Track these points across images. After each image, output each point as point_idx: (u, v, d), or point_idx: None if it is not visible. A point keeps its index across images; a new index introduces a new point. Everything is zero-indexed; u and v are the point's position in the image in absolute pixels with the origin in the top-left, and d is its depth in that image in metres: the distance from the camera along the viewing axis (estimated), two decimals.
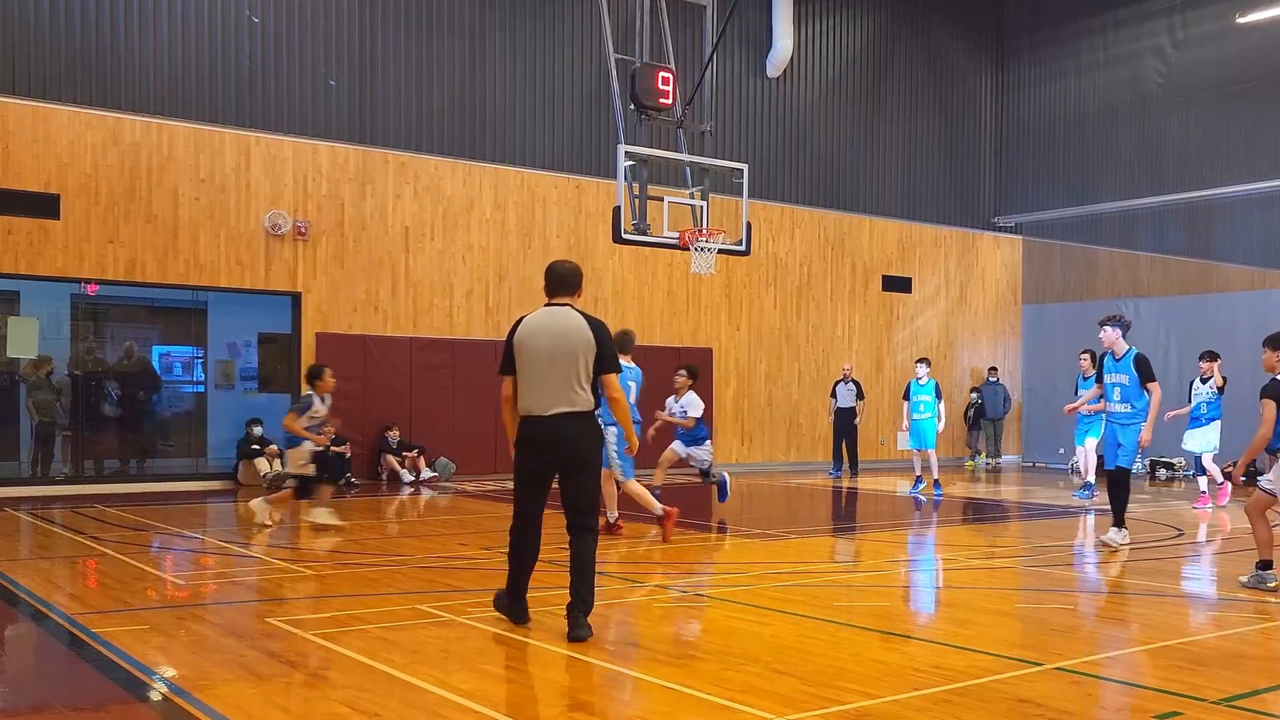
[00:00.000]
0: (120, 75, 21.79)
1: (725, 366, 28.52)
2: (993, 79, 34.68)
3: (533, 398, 9.07)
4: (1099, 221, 33.47)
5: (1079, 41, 33.41)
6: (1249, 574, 11.63)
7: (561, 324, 9.12)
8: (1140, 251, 34.42)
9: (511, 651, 8.65)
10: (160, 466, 24.41)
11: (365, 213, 23.87)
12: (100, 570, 12.69)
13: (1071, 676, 8.04)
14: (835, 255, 30.66)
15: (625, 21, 22.73)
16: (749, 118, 29.42)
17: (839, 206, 30.90)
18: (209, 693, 7.39)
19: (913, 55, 32.69)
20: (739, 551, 15.14)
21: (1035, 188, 34.15)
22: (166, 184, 21.95)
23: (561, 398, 9.00)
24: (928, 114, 33.06)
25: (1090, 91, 33.31)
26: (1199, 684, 7.77)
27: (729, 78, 28.58)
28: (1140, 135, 32.50)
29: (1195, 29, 31.06)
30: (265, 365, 25.46)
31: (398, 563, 13.20)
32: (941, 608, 11.37)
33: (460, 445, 24.37)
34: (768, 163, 29.21)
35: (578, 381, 9.03)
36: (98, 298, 23.10)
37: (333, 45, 23.77)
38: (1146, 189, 31.76)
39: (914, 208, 32.54)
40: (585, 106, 26.65)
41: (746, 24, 28.68)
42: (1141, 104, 32.24)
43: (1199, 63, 31.08)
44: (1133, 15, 32.15)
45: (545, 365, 9.02)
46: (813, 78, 30.69)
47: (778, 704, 7.18)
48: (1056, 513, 19.86)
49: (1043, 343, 32.90)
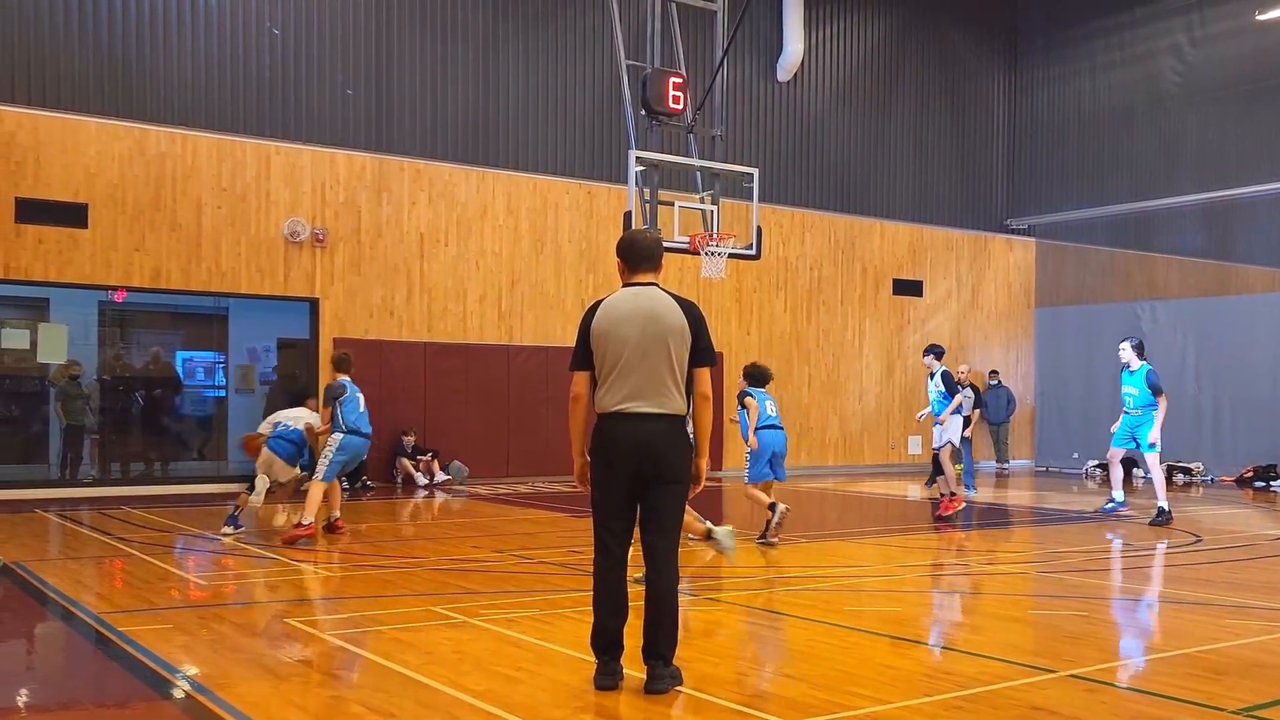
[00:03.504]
0: (146, 87, 22.20)
1: (736, 371, 28.40)
2: (1005, 80, 34.59)
3: (618, 392, 7.56)
4: (1114, 223, 33.00)
5: (1094, 41, 33.13)
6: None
7: (652, 306, 7.63)
8: (1156, 253, 33.91)
9: (523, 654, 8.66)
10: (183, 469, 24.71)
11: (381, 220, 24.16)
12: (126, 570, 12.95)
13: (1085, 684, 7.94)
14: (846, 259, 30.73)
15: (636, 28, 22.84)
16: (760, 122, 29.55)
17: (850, 210, 30.96)
18: (229, 691, 7.56)
19: (924, 57, 32.70)
20: (748, 556, 14.96)
21: (1049, 189, 33.91)
22: (190, 193, 22.33)
23: (651, 394, 7.55)
24: (939, 116, 33.07)
25: (1105, 91, 33.01)
26: (1218, 693, 7.63)
27: (740, 82, 28.67)
28: (1157, 135, 32.12)
29: (1214, 26, 30.66)
30: (284, 369, 25.74)
31: (412, 565, 13.36)
32: (953, 613, 11.23)
33: (473, 449, 24.61)
34: (778, 167, 29.34)
35: (672, 376, 7.58)
36: (124, 304, 23.42)
37: (350, 55, 24.10)
38: (1163, 190, 31.36)
39: (925, 211, 32.55)
40: (597, 112, 26.87)
41: (757, 28, 28.78)
42: (1158, 103, 31.88)
43: (1217, 61, 30.71)
44: (1149, 14, 31.79)
45: (635, 356, 7.54)
46: (823, 81, 30.81)
47: (787, 709, 7.21)
48: (1071, 518, 19.57)
49: (1056, 346, 32.65)
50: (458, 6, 25.28)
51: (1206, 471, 27.14)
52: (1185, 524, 18.32)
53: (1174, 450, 27.92)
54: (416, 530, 18.24)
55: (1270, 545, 15.95)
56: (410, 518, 19.57)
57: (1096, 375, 30.30)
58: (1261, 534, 17.46)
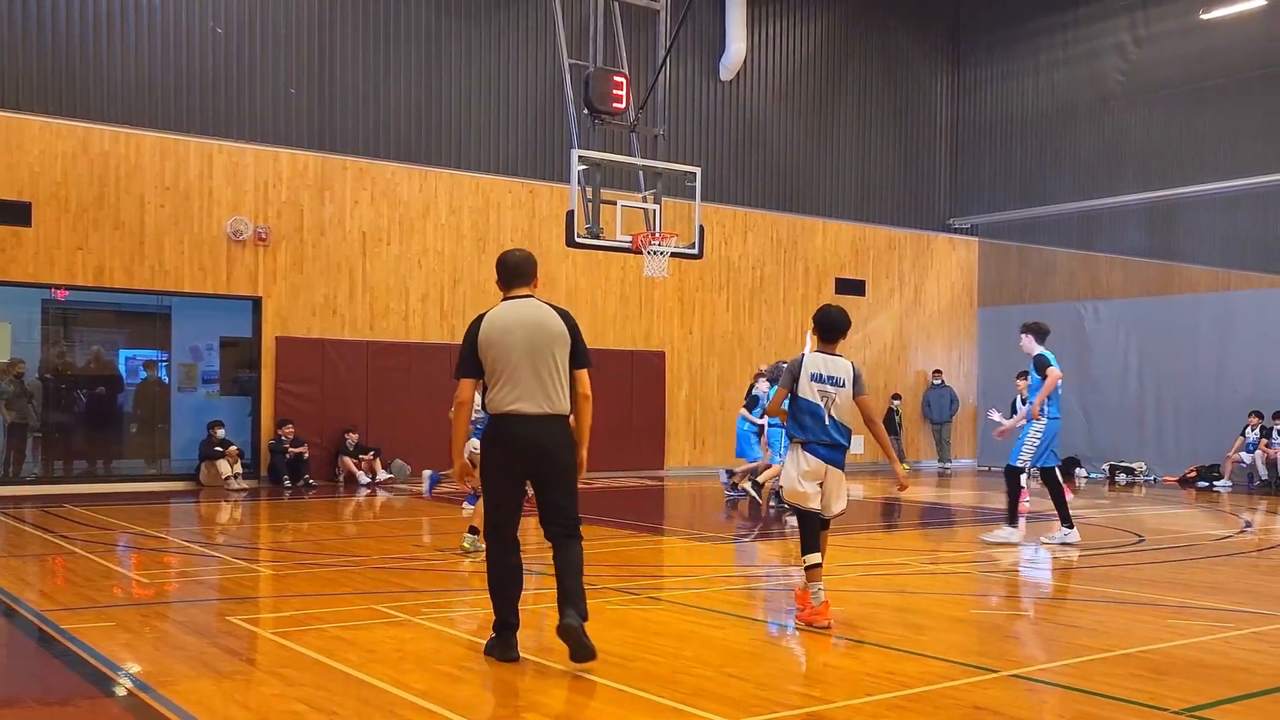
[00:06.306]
0: (89, 86, 22.11)
1: (678, 370, 28.70)
2: (948, 79, 34.73)
3: (512, 395, 8.20)
4: (1057, 222, 33.13)
5: (1038, 40, 33.22)
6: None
7: (535, 316, 8.33)
8: (1100, 253, 34.12)
9: (464, 652, 8.68)
10: (126, 468, 24.60)
11: (324, 218, 24.14)
12: (69, 568, 12.93)
13: (1028, 684, 8.00)
14: (788, 258, 30.83)
15: (579, 27, 22.93)
16: (702, 121, 29.63)
17: (792, 209, 31.06)
18: (172, 689, 7.57)
19: (867, 56, 32.81)
20: (691, 555, 15.20)
21: (991, 189, 34.02)
22: (133, 192, 22.25)
23: (542, 396, 8.22)
24: (882, 115, 33.19)
25: (1049, 91, 33.17)
26: (1160, 693, 7.66)
27: (682, 81, 28.74)
28: (1100, 135, 32.33)
29: (1157, 26, 30.78)
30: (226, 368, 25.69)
31: (354, 563, 13.37)
32: (894, 613, 10.97)
33: (416, 448, 24.54)
34: (721, 166, 29.43)
35: (557, 380, 8.27)
36: (67, 303, 23.30)
37: (292, 54, 24.05)
38: (1106, 189, 31.45)
39: (868, 210, 32.65)
40: (539, 112, 26.90)
41: (700, 27, 28.77)
42: (1102, 103, 32.03)
43: (1161, 60, 30.80)
44: (1093, 13, 31.88)
45: (522, 362, 8.20)
46: (766, 80, 30.91)
47: (729, 708, 7.21)
48: None
49: (999, 346, 32.52)
50: (400, 5, 25.25)
51: (1149, 471, 27.34)
52: (1128, 524, 18.53)
53: (1117, 450, 28.18)
54: (359, 529, 18.23)
55: (1213, 545, 16.07)
56: (353, 516, 19.54)
57: None
58: (1204, 534, 17.58)
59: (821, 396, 9.79)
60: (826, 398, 9.79)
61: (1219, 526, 19.07)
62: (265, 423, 23.65)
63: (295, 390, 23.76)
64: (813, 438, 9.85)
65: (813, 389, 9.80)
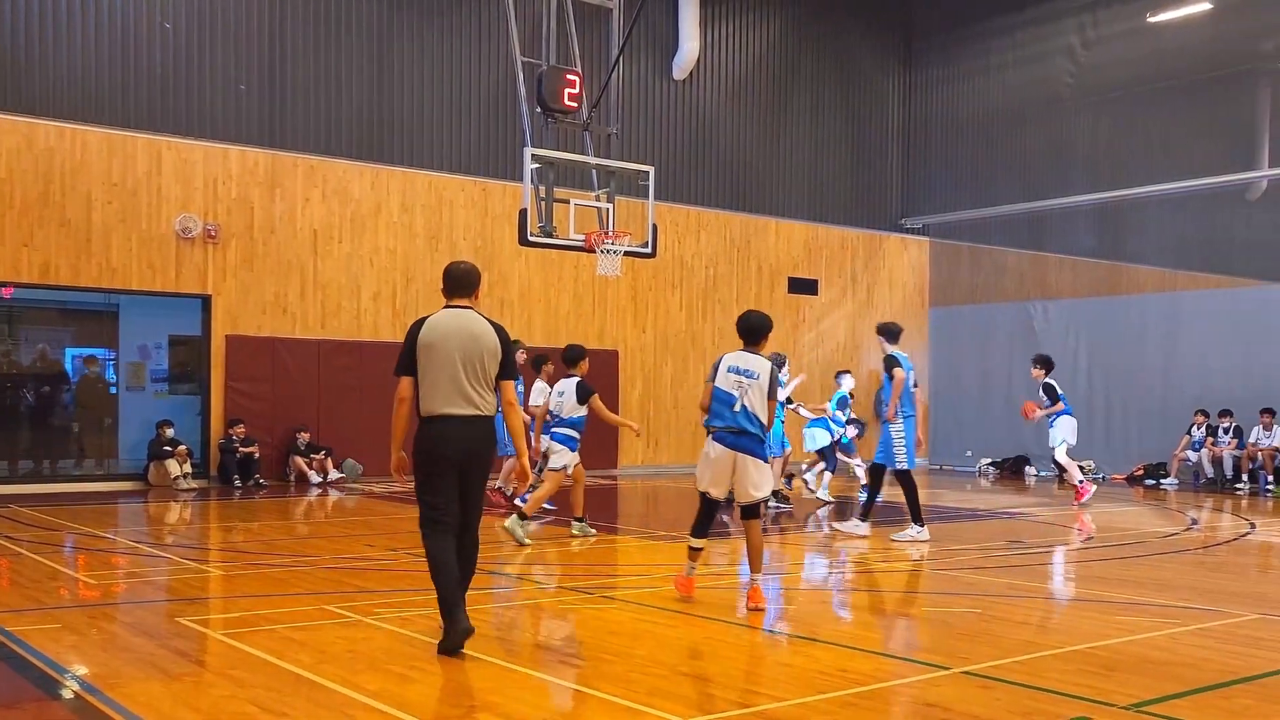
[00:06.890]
0: (35, 81, 21.87)
1: (631, 369, 28.70)
2: (900, 79, 34.88)
3: (443, 398, 8.79)
4: (1007, 223, 33.21)
5: (988, 41, 33.37)
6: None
7: (470, 327, 8.89)
8: (1049, 253, 34.04)
9: (417, 652, 8.67)
10: (73, 468, 24.39)
11: (274, 216, 23.98)
12: (14, 569, 12.79)
13: (979, 680, 8.02)
14: (741, 257, 30.89)
15: (531, 25, 22.88)
16: (655, 120, 29.63)
17: (745, 208, 31.12)
18: (120, 691, 7.51)
19: (820, 56, 32.89)
20: (645, 553, 15.26)
21: (943, 189, 34.15)
22: (80, 188, 22.02)
23: (471, 401, 8.81)
24: (834, 115, 33.29)
25: (999, 92, 33.32)
26: (1109, 689, 7.74)
27: (635, 80, 28.75)
28: (1049, 136, 32.50)
29: (1106, 28, 30.95)
30: (175, 367, 25.51)
31: (305, 563, 13.32)
32: (847, 611, 11.29)
33: (367, 447, 24.38)
34: (674, 165, 29.42)
35: (486, 386, 8.88)
36: (12, 301, 23.04)
37: (243, 51, 23.87)
38: (1055, 190, 31.58)
39: (820, 210, 32.75)
40: (492, 110, 26.79)
41: (653, 26, 28.73)
42: (1051, 104, 32.19)
43: (1110, 63, 30.99)
44: (1043, 14, 31.98)
45: (457, 367, 8.78)
46: (719, 80, 30.93)
47: (684, 706, 7.25)
48: (965, 516, 19.86)
49: (950, 345, 33.01)
50: (351, 1, 25.12)
51: (1098, 469, 27.45)
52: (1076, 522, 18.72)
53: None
54: (310, 528, 18.15)
55: (1161, 543, 16.24)
56: (304, 516, 19.45)
57: (990, 374, 30.75)
58: (1152, 531, 17.75)
59: (736, 386, 10.66)
60: (741, 388, 10.64)
61: (1166, 524, 19.25)
62: (215, 422, 23.47)
63: (246, 389, 23.59)
64: (721, 425, 10.72)
65: (729, 379, 10.72)
